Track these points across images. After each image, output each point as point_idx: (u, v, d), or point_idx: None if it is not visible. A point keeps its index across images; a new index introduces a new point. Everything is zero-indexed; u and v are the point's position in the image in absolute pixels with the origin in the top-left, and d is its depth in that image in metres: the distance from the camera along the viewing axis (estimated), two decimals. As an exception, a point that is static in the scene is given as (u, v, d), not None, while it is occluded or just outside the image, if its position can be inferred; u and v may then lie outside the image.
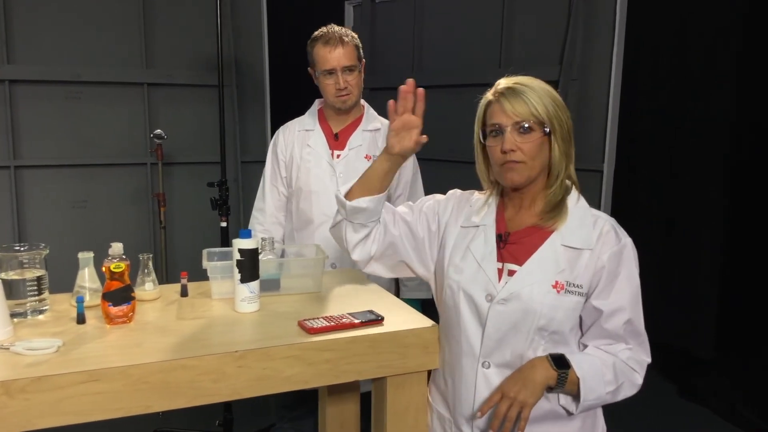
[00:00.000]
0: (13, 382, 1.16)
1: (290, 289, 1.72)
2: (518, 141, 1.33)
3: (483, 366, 1.40)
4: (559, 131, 1.34)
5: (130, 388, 1.23)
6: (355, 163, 2.25)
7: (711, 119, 3.57)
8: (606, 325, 1.35)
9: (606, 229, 1.36)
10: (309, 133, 2.32)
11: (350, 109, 2.28)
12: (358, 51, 2.23)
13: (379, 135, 2.32)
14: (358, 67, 2.21)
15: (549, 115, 1.33)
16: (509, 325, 1.36)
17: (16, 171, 3.56)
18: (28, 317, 1.49)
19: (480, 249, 1.42)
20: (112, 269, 1.45)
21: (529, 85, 1.36)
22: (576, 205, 1.40)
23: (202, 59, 3.87)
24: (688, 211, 3.68)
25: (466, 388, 1.42)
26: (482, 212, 1.47)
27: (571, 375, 1.31)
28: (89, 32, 3.65)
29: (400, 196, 2.32)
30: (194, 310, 1.59)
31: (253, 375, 1.32)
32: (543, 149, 1.35)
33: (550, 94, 1.36)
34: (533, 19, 3.60)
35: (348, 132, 2.31)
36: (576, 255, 1.35)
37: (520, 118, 1.33)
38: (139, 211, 3.86)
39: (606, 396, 1.33)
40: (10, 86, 3.50)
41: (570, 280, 1.34)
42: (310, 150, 2.29)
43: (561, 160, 1.36)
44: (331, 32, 2.20)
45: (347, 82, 2.19)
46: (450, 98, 4.05)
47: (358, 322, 1.46)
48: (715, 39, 3.52)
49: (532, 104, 1.32)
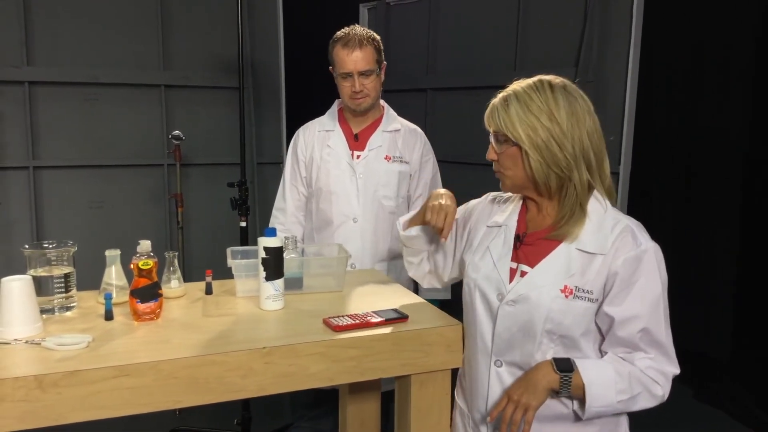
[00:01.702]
0: (45, 377, 1.18)
1: (313, 287, 1.73)
2: (497, 151, 1.39)
3: (495, 364, 1.41)
4: (528, 143, 1.31)
5: (160, 383, 1.24)
6: (375, 164, 2.27)
7: (727, 121, 3.55)
8: (619, 333, 1.31)
9: (623, 234, 1.32)
10: (329, 133, 2.32)
11: (366, 112, 2.28)
12: (378, 54, 2.22)
13: (398, 136, 2.33)
14: (375, 71, 2.20)
15: (515, 129, 1.32)
16: (518, 327, 1.37)
17: (34, 171, 3.60)
18: (56, 314, 1.51)
19: (498, 248, 1.44)
20: (141, 266, 1.46)
21: (509, 96, 1.36)
22: (596, 209, 1.36)
23: (218, 61, 3.89)
24: (705, 214, 3.66)
25: (481, 385, 1.44)
26: (506, 212, 1.49)
27: (576, 379, 1.29)
28: (107, 34, 3.69)
29: (420, 197, 2.33)
30: (219, 307, 1.60)
31: (279, 371, 1.33)
32: (517, 161, 1.35)
33: (532, 104, 1.31)
34: (548, 21, 3.59)
35: (368, 133, 2.32)
36: (589, 260, 1.33)
37: (492, 128, 1.39)
38: (155, 212, 3.88)
39: (617, 405, 1.29)
40: (30, 88, 3.54)
41: (580, 285, 1.32)
42: (330, 150, 2.29)
43: (542, 171, 1.32)
44: (351, 34, 2.19)
45: (363, 85, 2.19)
46: (464, 100, 4.06)
47: (383, 320, 1.47)
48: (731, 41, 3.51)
49: (498, 119, 1.35)
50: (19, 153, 3.57)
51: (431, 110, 4.22)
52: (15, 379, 1.16)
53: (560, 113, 1.31)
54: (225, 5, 3.82)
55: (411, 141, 2.34)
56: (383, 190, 2.28)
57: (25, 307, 1.36)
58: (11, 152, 3.56)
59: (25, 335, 1.34)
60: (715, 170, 3.63)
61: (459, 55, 4.07)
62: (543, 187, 1.36)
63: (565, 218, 1.36)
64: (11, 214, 3.59)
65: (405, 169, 2.31)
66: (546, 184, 1.35)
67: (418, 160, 2.34)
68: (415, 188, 2.35)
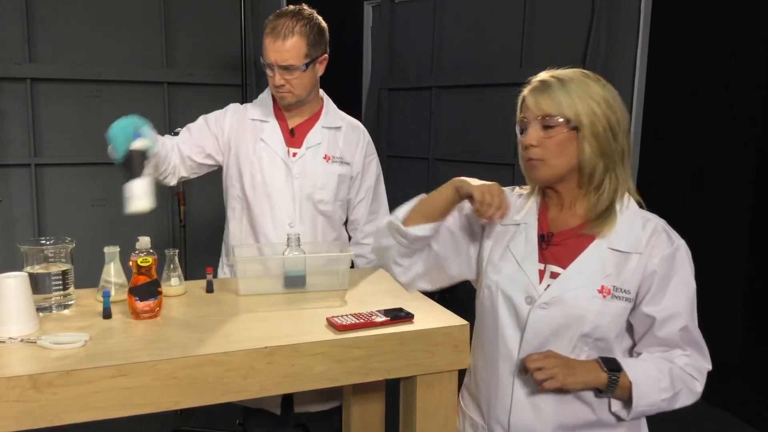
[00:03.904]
0: (40, 376, 1.14)
1: (316, 286, 1.70)
2: (542, 136, 1.28)
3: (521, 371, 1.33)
4: (589, 128, 1.26)
5: (158, 384, 1.21)
6: (313, 164, 2.01)
7: (737, 120, 3.50)
8: (660, 333, 1.28)
9: (657, 232, 1.30)
10: (264, 125, 2.02)
11: (299, 105, 2.00)
12: (311, 47, 1.89)
13: (339, 134, 2.07)
14: (300, 68, 1.88)
15: (577, 111, 1.25)
16: (550, 331, 1.29)
17: (36, 169, 3.58)
18: (53, 312, 1.48)
19: (520, 248, 1.35)
20: (140, 263, 1.43)
21: (564, 78, 1.28)
22: (625, 208, 1.33)
23: (221, 59, 3.86)
24: (714, 213, 3.62)
25: (503, 394, 1.35)
26: (523, 210, 1.40)
27: (623, 380, 1.24)
28: (110, 31, 3.66)
29: (362, 201, 2.13)
30: (221, 306, 1.57)
31: (282, 371, 1.30)
32: (568, 147, 1.27)
33: (590, 88, 1.27)
34: (555, 18, 3.56)
35: (305, 128, 2.04)
36: (624, 259, 1.29)
37: (542, 113, 1.27)
38: (158, 210, 3.85)
39: (661, 403, 1.26)
40: (32, 84, 3.52)
41: (617, 284, 1.28)
42: (264, 146, 2.00)
43: (593, 160, 1.27)
44: (280, 21, 1.88)
45: (286, 80, 1.90)
46: (470, 98, 4.03)
47: (388, 319, 1.43)
48: (740, 38, 3.46)
49: (557, 99, 1.26)
50: (21, 150, 3.54)
51: (436, 108, 4.19)
52: (9, 378, 1.13)
53: (616, 103, 1.29)
54: (228, 2, 3.79)
55: (353, 140, 2.09)
56: (320, 193, 2.01)
57: (20, 304, 1.33)
58: (13, 149, 3.54)
59: (20, 333, 1.31)
60: (725, 168, 3.58)
61: (464, 52, 4.04)
62: (585, 179, 1.30)
63: (601, 213, 1.31)
64: (13, 212, 3.57)
65: (345, 171, 2.05)
66: (591, 175, 1.29)
67: (361, 161, 2.09)
68: (357, 191, 2.11)
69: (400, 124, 4.45)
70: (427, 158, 4.25)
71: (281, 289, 1.68)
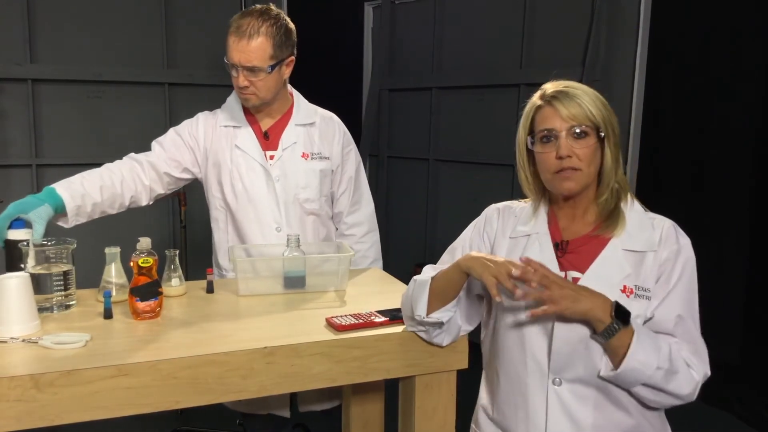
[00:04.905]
0: (42, 376, 1.15)
1: (316, 286, 1.70)
2: (573, 146, 1.27)
3: (554, 383, 1.29)
4: (612, 136, 1.29)
5: (159, 383, 1.22)
6: (293, 165, 1.98)
7: (736, 121, 3.51)
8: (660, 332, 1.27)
9: (666, 229, 1.31)
10: (236, 131, 1.98)
11: (266, 106, 1.96)
12: (277, 48, 1.84)
13: (314, 129, 2.04)
14: (265, 70, 1.84)
15: (604, 119, 1.28)
16: (579, 338, 1.26)
17: (37, 169, 3.58)
18: (55, 312, 1.49)
19: (536, 258, 1.30)
20: (140, 264, 1.44)
21: (580, 88, 1.30)
22: (631, 209, 1.34)
23: (222, 60, 3.85)
24: (714, 214, 3.62)
25: (536, 410, 1.30)
26: (531, 221, 1.39)
27: (623, 337, 1.20)
28: (111, 32, 3.67)
29: (345, 192, 2.10)
30: (221, 306, 1.58)
31: (281, 371, 1.31)
32: (597, 155, 1.29)
33: (600, 98, 1.31)
34: (555, 19, 3.57)
35: (278, 129, 2.00)
36: (639, 258, 1.29)
37: (575, 122, 1.27)
38: (158, 211, 3.86)
39: (656, 372, 1.20)
40: (33, 85, 3.52)
41: (638, 284, 1.27)
42: (240, 153, 1.96)
43: (612, 167, 1.30)
44: (245, 21, 1.83)
45: (251, 82, 1.86)
46: (470, 99, 4.03)
47: (387, 319, 1.44)
48: (740, 38, 3.47)
49: (587, 107, 1.27)
50: (22, 151, 3.55)
51: (436, 109, 4.19)
52: (10, 378, 1.14)
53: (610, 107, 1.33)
54: (228, 3, 3.80)
55: (329, 133, 2.05)
56: (304, 192, 1.99)
57: (22, 304, 1.34)
58: (14, 150, 3.54)
59: (21, 333, 1.32)
60: (724, 170, 3.58)
61: (465, 53, 4.05)
62: (604, 187, 1.31)
63: (610, 213, 1.32)
64: (14, 213, 3.57)
65: (326, 166, 2.03)
66: (608, 183, 1.31)
67: (339, 153, 2.06)
68: (339, 184, 2.09)
69: (401, 124, 4.46)
70: (427, 159, 4.24)
71: (281, 289, 1.69)
